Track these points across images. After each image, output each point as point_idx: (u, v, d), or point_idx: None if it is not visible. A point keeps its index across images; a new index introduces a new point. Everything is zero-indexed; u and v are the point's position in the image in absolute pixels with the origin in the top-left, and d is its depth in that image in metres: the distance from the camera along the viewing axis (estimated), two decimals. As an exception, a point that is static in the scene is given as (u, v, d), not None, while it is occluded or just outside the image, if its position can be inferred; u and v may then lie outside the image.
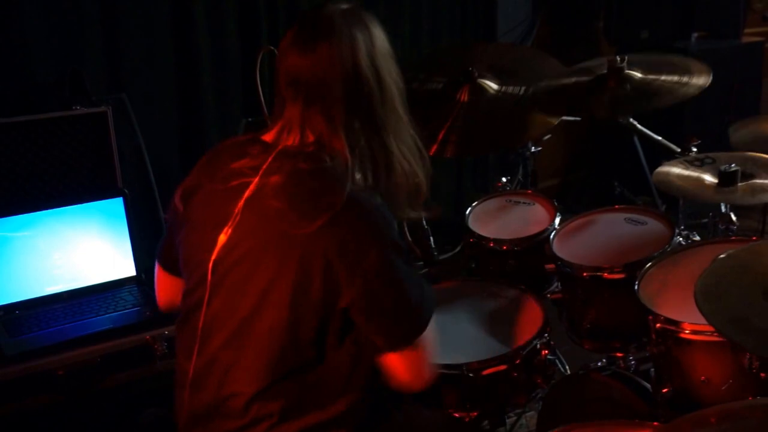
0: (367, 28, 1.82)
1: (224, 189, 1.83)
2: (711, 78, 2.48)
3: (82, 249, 2.77)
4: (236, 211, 1.79)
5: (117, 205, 2.83)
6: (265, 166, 1.79)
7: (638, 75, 2.58)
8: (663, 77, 2.56)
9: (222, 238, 1.81)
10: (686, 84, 2.47)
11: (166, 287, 2.09)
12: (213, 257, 1.82)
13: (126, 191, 2.88)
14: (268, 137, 1.85)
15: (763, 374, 1.91)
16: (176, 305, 1.98)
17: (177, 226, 1.93)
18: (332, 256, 1.70)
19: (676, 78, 2.51)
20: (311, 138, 1.80)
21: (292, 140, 1.81)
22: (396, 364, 1.81)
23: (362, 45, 1.79)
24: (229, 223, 1.80)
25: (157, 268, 2.10)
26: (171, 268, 2.02)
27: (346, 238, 1.70)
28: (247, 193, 1.79)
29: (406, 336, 1.78)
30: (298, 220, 1.71)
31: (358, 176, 1.78)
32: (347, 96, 1.78)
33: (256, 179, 1.79)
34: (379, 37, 1.84)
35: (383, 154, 1.83)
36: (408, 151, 1.87)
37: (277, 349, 1.75)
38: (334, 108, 1.78)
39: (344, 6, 1.84)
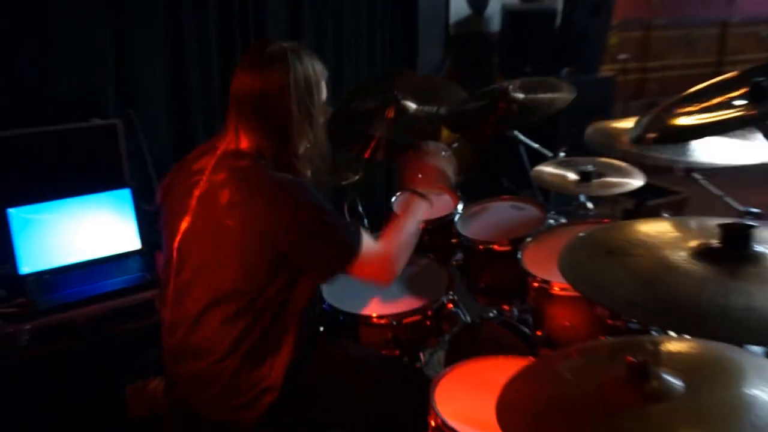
0: (299, 63, 1.80)
1: (186, 185, 1.83)
2: (575, 93, 2.48)
3: (98, 228, 2.74)
4: (192, 203, 1.80)
5: (125, 194, 2.80)
6: (211, 166, 1.80)
7: (521, 96, 2.58)
8: (539, 95, 2.57)
9: (183, 226, 1.80)
10: (556, 99, 2.49)
11: None
12: (177, 240, 1.81)
13: (133, 184, 2.87)
14: (218, 143, 1.86)
15: (609, 321, 1.96)
16: None
17: (160, 214, 1.93)
18: (269, 220, 1.70)
19: (549, 95, 2.53)
20: (246, 142, 1.81)
21: (233, 144, 1.82)
22: (360, 274, 1.80)
23: (292, 74, 1.78)
24: (188, 213, 1.80)
25: None
26: None
27: (276, 204, 1.71)
28: (199, 189, 1.79)
29: (348, 252, 1.76)
30: (240, 201, 1.71)
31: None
32: (274, 110, 1.79)
33: (205, 177, 1.79)
34: (308, 71, 1.82)
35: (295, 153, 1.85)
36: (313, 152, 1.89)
37: (234, 303, 1.73)
38: (262, 119, 1.79)
39: (286, 44, 1.84)
